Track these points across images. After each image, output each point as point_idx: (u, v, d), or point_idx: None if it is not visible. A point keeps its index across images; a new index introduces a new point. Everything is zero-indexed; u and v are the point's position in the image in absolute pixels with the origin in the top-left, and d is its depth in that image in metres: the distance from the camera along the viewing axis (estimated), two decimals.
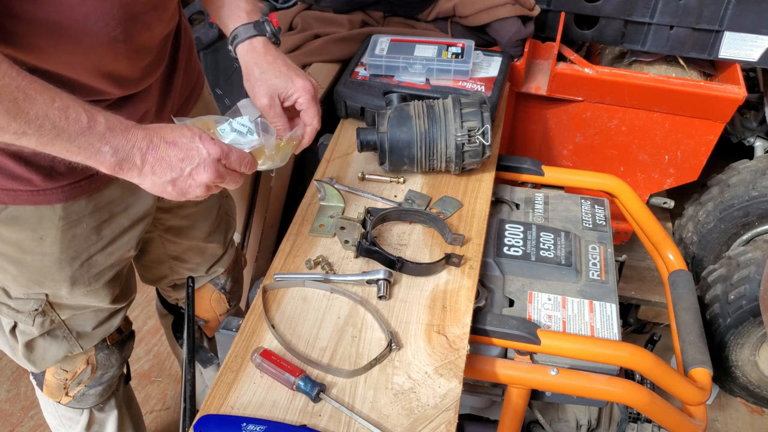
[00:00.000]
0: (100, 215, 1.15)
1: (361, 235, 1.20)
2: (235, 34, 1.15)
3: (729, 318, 1.85)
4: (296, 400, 0.99)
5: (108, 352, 1.39)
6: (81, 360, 1.35)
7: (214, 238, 1.49)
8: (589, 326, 1.20)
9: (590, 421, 1.41)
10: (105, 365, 1.39)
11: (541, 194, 1.51)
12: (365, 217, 1.24)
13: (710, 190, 2.10)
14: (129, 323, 1.47)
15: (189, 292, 1.44)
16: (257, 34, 1.15)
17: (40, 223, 1.08)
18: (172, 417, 2.09)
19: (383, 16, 1.88)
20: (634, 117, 1.89)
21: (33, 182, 1.03)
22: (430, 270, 1.18)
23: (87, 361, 1.36)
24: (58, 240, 1.11)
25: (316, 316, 1.11)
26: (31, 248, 1.11)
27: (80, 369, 1.36)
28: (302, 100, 1.15)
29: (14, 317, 1.23)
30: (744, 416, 2.13)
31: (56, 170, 1.04)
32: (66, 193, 1.07)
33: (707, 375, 1.23)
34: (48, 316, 1.24)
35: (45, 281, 1.17)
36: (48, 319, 1.24)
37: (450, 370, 1.02)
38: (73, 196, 1.08)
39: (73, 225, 1.12)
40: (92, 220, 1.14)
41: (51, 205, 1.07)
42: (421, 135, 1.34)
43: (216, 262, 1.54)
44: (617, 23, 1.86)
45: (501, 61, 1.69)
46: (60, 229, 1.10)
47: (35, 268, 1.14)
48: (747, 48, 1.82)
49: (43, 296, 1.20)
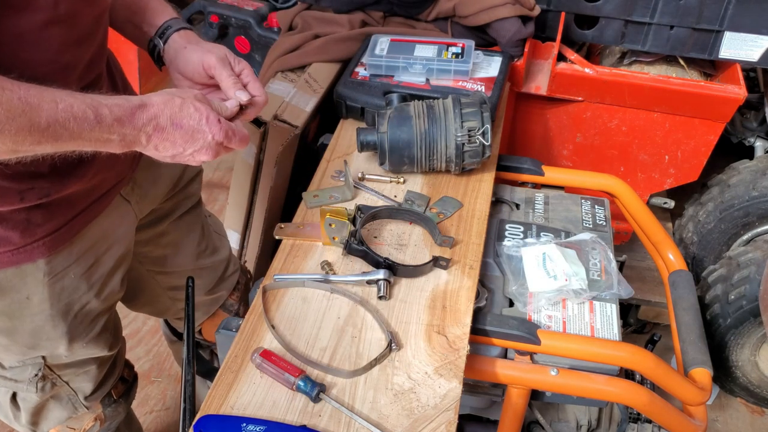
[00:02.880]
0: (86, 261, 1.10)
1: (350, 234, 1.20)
2: (168, 24, 1.11)
3: (729, 318, 1.85)
4: (296, 401, 0.98)
5: (115, 405, 1.35)
6: (89, 418, 1.31)
7: (204, 261, 1.44)
8: (589, 326, 1.20)
9: (590, 421, 1.41)
10: (113, 416, 1.36)
11: (541, 194, 1.51)
12: (355, 214, 1.24)
13: (710, 191, 2.10)
14: (131, 368, 1.43)
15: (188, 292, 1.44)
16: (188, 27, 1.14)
17: (24, 282, 1.03)
18: (172, 417, 2.09)
19: (383, 16, 1.87)
20: (634, 117, 1.89)
21: (11, 240, 0.98)
22: (417, 272, 1.18)
23: (95, 418, 1.32)
24: (46, 297, 1.05)
25: (316, 316, 1.11)
26: (19, 312, 1.05)
27: (89, 426, 1.32)
28: (248, 71, 1.10)
29: (13, 387, 1.18)
30: (744, 416, 2.13)
31: (33, 222, 0.99)
32: (47, 245, 1.02)
33: (707, 375, 1.23)
34: (49, 380, 1.18)
35: (40, 342, 1.11)
36: (49, 382, 1.19)
37: (450, 371, 1.02)
38: (55, 247, 1.03)
39: (60, 278, 1.06)
40: (79, 267, 1.09)
41: (33, 262, 1.01)
42: (421, 135, 1.34)
43: (217, 284, 1.48)
44: (617, 23, 1.86)
45: (501, 61, 1.68)
46: (46, 285, 1.04)
47: (27, 331, 1.08)
48: (747, 48, 1.82)
49: (41, 360, 1.14)
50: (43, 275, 1.04)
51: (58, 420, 1.26)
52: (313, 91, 1.66)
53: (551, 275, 1.23)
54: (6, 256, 0.99)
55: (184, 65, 1.10)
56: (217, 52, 1.08)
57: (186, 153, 0.94)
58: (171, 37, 1.11)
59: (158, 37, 1.12)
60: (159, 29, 1.12)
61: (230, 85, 1.05)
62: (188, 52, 1.09)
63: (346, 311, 1.12)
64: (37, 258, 1.01)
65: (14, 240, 0.98)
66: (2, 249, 0.98)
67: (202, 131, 0.93)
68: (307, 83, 1.68)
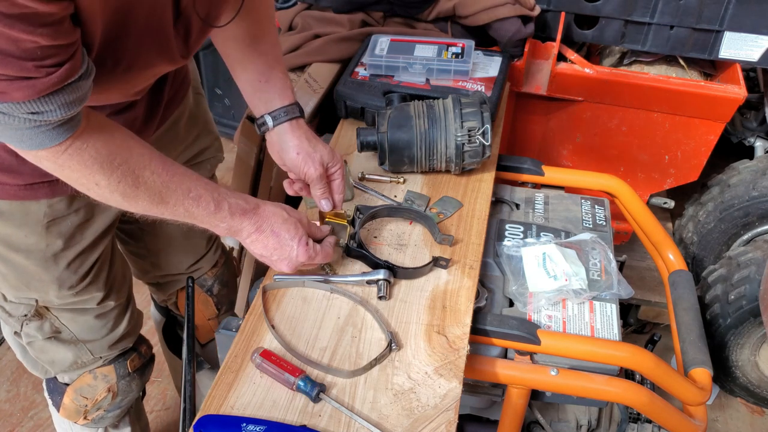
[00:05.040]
0: (85, 213, 1.17)
1: (349, 236, 1.20)
2: (285, 110, 1.21)
3: (729, 318, 1.85)
4: (296, 401, 0.98)
5: (129, 378, 1.39)
6: (102, 388, 1.36)
7: (193, 234, 1.49)
8: (589, 326, 1.20)
9: (590, 421, 1.41)
10: (126, 391, 1.40)
11: (541, 194, 1.51)
12: (354, 215, 1.24)
13: (710, 190, 2.10)
14: (149, 347, 1.47)
15: (189, 292, 1.44)
16: (300, 115, 1.23)
17: (26, 219, 1.10)
18: (172, 417, 2.09)
19: (383, 16, 1.87)
20: (634, 117, 1.89)
21: (23, 175, 1.04)
22: (417, 273, 1.18)
23: (108, 389, 1.37)
24: (43, 237, 1.12)
25: (316, 316, 1.11)
26: (17, 245, 1.12)
27: (101, 396, 1.37)
28: (339, 173, 1.23)
29: (6, 321, 1.24)
30: (744, 416, 2.13)
31: None
32: (53, 188, 1.08)
33: (707, 375, 1.23)
34: (46, 320, 1.24)
35: (32, 282, 1.17)
36: (47, 322, 1.24)
37: (450, 371, 1.02)
38: (59, 192, 1.10)
39: (58, 222, 1.13)
40: (76, 218, 1.15)
41: (37, 201, 1.08)
42: (421, 135, 1.34)
43: (199, 259, 1.54)
44: (617, 23, 1.86)
45: (501, 61, 1.68)
46: (44, 227, 1.12)
47: (21, 267, 1.15)
48: (747, 48, 1.82)
49: (33, 301, 1.20)
50: (43, 215, 1.11)
51: (65, 361, 1.31)
52: (313, 91, 1.66)
53: (551, 275, 1.23)
54: (14, 189, 1.06)
55: (288, 161, 1.22)
56: (316, 162, 1.20)
57: (272, 258, 1.08)
58: (282, 128, 1.21)
59: (272, 120, 1.21)
60: (275, 112, 1.21)
61: (318, 196, 1.22)
62: (292, 152, 1.21)
63: (346, 311, 1.12)
64: (41, 198, 1.09)
65: (25, 175, 1.05)
66: (12, 181, 1.05)
67: (290, 246, 1.07)
68: (307, 83, 1.68)
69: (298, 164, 1.20)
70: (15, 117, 0.76)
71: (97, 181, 0.88)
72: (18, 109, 0.75)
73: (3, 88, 0.72)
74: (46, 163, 0.86)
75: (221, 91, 2.97)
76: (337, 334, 1.08)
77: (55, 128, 0.80)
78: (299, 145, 1.20)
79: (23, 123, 0.77)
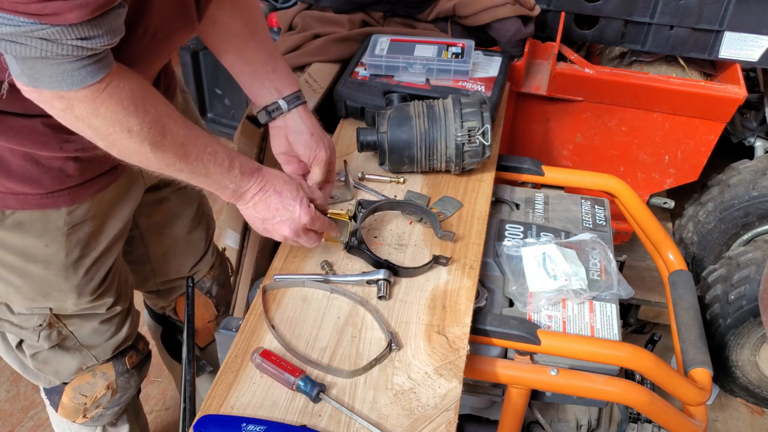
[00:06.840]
0: (99, 219, 1.16)
1: (350, 233, 1.20)
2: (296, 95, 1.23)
3: (729, 318, 1.85)
4: (296, 401, 0.98)
5: (128, 375, 1.39)
6: (101, 385, 1.36)
7: (196, 234, 1.50)
8: (589, 326, 1.20)
9: (590, 421, 1.41)
10: (124, 388, 1.40)
11: (541, 194, 1.51)
12: (356, 211, 1.24)
13: (710, 190, 2.10)
14: (146, 343, 1.47)
15: (189, 292, 1.44)
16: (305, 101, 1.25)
17: (47, 227, 1.09)
18: (172, 417, 2.09)
19: (383, 16, 1.87)
20: (634, 117, 1.89)
21: (43, 184, 1.04)
22: (417, 272, 1.18)
23: (107, 386, 1.36)
24: (63, 246, 1.11)
25: (316, 316, 1.11)
26: (35, 256, 1.11)
27: (100, 394, 1.36)
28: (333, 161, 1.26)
29: (18, 334, 1.23)
30: (744, 416, 2.13)
31: (65, 171, 1.05)
32: (72, 195, 1.08)
33: (707, 375, 1.23)
34: (55, 328, 1.23)
35: (51, 292, 1.17)
36: (55, 331, 1.24)
37: (450, 371, 1.02)
38: (78, 199, 1.09)
39: (77, 229, 1.12)
40: (92, 224, 1.15)
41: (58, 209, 1.08)
42: (421, 135, 1.34)
43: (198, 261, 1.54)
44: (617, 23, 1.86)
45: (501, 61, 1.68)
46: (64, 235, 1.11)
47: (40, 278, 1.14)
48: (747, 48, 1.82)
49: (47, 311, 1.20)
50: (63, 224, 1.10)
51: (69, 369, 1.31)
52: (313, 91, 1.66)
53: (551, 275, 1.23)
54: (35, 198, 1.05)
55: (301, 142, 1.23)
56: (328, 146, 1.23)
57: (274, 220, 1.09)
58: (295, 113, 1.23)
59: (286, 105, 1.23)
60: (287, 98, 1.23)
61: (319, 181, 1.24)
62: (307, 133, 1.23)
63: (346, 311, 1.12)
64: (62, 206, 1.08)
65: (46, 184, 1.05)
66: (33, 191, 1.04)
67: (293, 205, 1.08)
68: (307, 83, 1.68)
69: (311, 145, 1.22)
70: (63, 45, 0.75)
71: (130, 126, 0.87)
72: (68, 34, 0.73)
73: (56, 8, 0.70)
74: (82, 107, 0.83)
75: (221, 91, 2.97)
76: (337, 334, 1.08)
77: (95, 62, 0.79)
78: (313, 126, 1.23)
79: (70, 51, 0.76)
